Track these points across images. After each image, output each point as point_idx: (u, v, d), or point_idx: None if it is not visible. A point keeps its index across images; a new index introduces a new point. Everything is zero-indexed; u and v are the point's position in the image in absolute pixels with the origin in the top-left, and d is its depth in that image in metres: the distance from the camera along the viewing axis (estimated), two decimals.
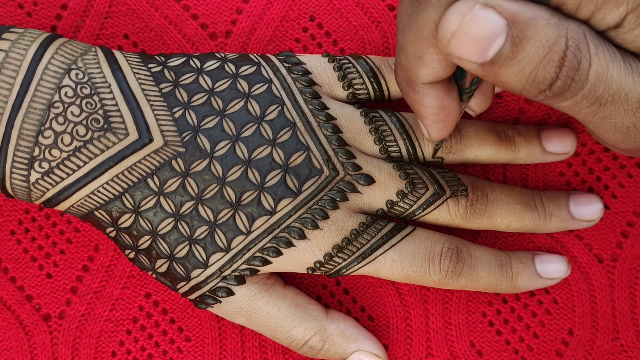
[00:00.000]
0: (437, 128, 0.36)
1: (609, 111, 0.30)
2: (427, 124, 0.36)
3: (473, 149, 0.40)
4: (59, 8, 0.43)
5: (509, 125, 0.42)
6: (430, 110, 0.35)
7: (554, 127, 0.42)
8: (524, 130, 0.41)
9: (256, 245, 0.37)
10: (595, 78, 0.29)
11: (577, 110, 0.31)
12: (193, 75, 0.38)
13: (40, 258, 0.42)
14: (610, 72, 0.29)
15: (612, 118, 0.31)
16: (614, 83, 0.29)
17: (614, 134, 0.32)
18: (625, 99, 0.30)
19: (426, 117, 0.35)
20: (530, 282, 0.40)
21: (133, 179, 0.37)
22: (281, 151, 0.37)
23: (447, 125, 0.36)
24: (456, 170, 0.42)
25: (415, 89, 0.34)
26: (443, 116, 0.35)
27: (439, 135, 0.36)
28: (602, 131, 0.32)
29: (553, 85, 0.29)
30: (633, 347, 0.42)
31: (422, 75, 0.33)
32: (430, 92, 0.34)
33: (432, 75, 0.32)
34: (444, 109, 0.35)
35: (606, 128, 0.31)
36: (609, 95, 0.30)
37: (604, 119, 0.31)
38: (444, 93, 0.34)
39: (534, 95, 0.30)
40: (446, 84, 0.34)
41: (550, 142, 0.41)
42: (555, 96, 0.30)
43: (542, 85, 0.29)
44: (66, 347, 0.42)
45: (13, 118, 0.35)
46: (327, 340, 0.39)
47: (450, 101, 0.35)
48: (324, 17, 0.43)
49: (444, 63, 0.32)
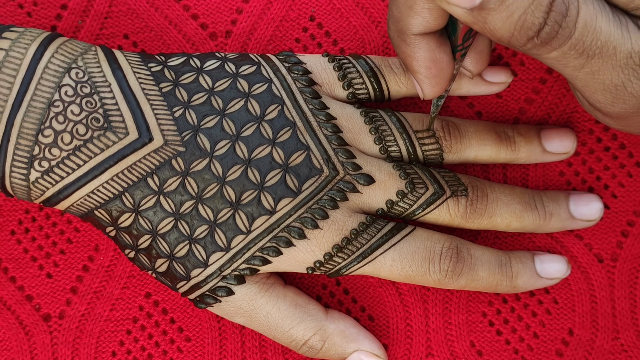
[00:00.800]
0: (430, 84, 0.36)
1: (597, 65, 0.30)
2: (420, 79, 0.36)
3: (473, 149, 0.40)
4: (59, 8, 0.43)
5: (509, 125, 0.42)
6: (422, 63, 0.35)
7: (554, 127, 0.42)
8: (524, 130, 0.41)
9: (256, 245, 0.37)
10: (583, 27, 0.29)
11: (564, 63, 0.31)
12: (193, 75, 0.38)
13: (40, 258, 0.42)
14: (598, 22, 0.29)
15: (600, 74, 0.31)
16: (602, 34, 0.30)
17: (603, 93, 0.32)
18: (613, 53, 0.30)
19: (419, 72, 0.36)
20: (530, 282, 0.40)
21: (133, 178, 0.37)
22: (281, 151, 0.37)
23: (440, 82, 0.36)
24: (456, 170, 0.42)
25: (407, 40, 0.34)
26: (436, 70, 0.35)
27: (432, 91, 0.36)
28: (591, 90, 0.32)
29: (541, 31, 0.29)
30: (633, 346, 0.42)
31: (413, 26, 0.33)
32: (421, 43, 0.34)
33: (423, 25, 0.33)
34: (436, 63, 0.35)
35: (595, 86, 0.31)
36: (597, 47, 0.30)
37: (592, 75, 0.31)
38: (435, 45, 0.34)
39: (522, 44, 0.30)
40: (438, 36, 0.34)
41: (550, 141, 0.41)
42: (543, 44, 0.30)
43: (530, 32, 0.29)
44: (66, 347, 0.42)
45: (13, 117, 0.35)
46: (327, 340, 0.39)
47: (442, 55, 0.35)
48: (324, 17, 0.43)
49: (435, 12, 0.32)
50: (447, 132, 0.40)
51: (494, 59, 0.43)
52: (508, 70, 0.42)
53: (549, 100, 0.43)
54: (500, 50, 0.43)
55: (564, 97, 0.43)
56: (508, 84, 0.42)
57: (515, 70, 0.43)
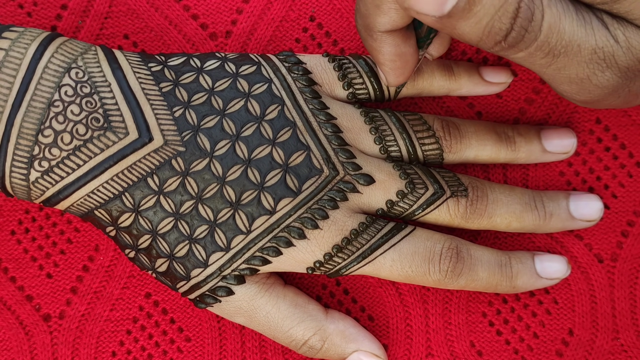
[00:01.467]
0: (395, 74, 0.37)
1: (563, 62, 0.31)
2: (385, 70, 0.37)
3: (473, 149, 0.40)
4: (59, 8, 0.43)
5: (509, 125, 0.42)
6: (387, 57, 0.36)
7: (554, 127, 0.42)
8: (524, 130, 0.41)
9: (256, 245, 0.37)
10: (548, 29, 0.30)
11: (531, 61, 0.31)
12: (193, 75, 0.38)
13: (40, 258, 0.42)
14: (562, 23, 0.30)
15: (566, 70, 0.31)
16: (566, 34, 0.30)
17: (569, 85, 0.32)
18: (578, 51, 0.31)
19: (384, 64, 0.36)
20: (530, 282, 0.40)
21: (133, 178, 0.37)
22: (281, 151, 0.37)
23: (405, 72, 0.37)
24: (456, 170, 0.42)
25: (373, 36, 0.35)
26: (400, 63, 0.36)
27: (396, 81, 0.37)
28: (557, 82, 0.33)
29: (508, 36, 0.30)
30: (633, 347, 0.42)
31: (379, 24, 0.34)
32: (387, 39, 0.35)
33: (389, 24, 0.33)
34: (401, 57, 0.36)
35: (561, 79, 0.32)
36: (562, 47, 0.31)
37: (558, 71, 0.32)
38: (401, 41, 0.35)
39: (490, 47, 0.31)
40: (404, 32, 0.35)
41: (550, 141, 0.41)
42: (510, 47, 0.30)
43: (498, 37, 0.30)
44: (66, 347, 0.42)
45: (13, 117, 0.35)
46: (327, 340, 0.39)
47: (407, 48, 0.36)
48: (324, 17, 0.43)
49: (401, 12, 0.33)
50: (447, 132, 0.40)
51: (495, 59, 0.43)
52: (508, 70, 0.42)
53: (549, 100, 0.43)
54: None
55: None
56: (508, 84, 0.42)
57: (515, 70, 0.43)
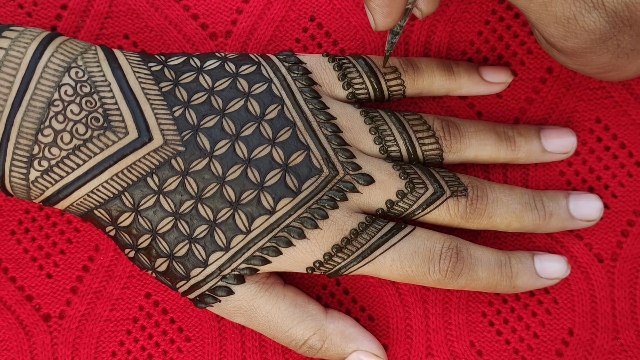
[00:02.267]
0: (382, 13, 0.35)
1: None
2: (372, 7, 0.35)
3: (473, 149, 0.40)
4: (59, 8, 0.43)
5: (509, 125, 0.42)
6: None
7: (554, 127, 0.42)
8: (524, 130, 0.41)
9: (256, 245, 0.37)
10: None
11: None
12: (193, 75, 0.38)
13: (40, 258, 0.42)
14: None
15: (552, 5, 0.31)
16: None
17: (555, 26, 0.31)
18: None
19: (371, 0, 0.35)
20: (530, 282, 0.40)
21: (132, 177, 0.37)
22: (281, 150, 0.37)
23: (392, 12, 0.35)
24: (456, 170, 0.42)
25: None
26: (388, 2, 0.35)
27: (384, 22, 0.36)
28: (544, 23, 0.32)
29: None
30: (633, 346, 0.42)
31: None
32: None
33: None
34: None
35: (547, 19, 0.31)
36: None
37: (544, 7, 0.31)
38: None
39: None
40: None
41: (550, 141, 0.41)
42: None
43: None
44: (66, 347, 0.42)
45: (13, 116, 0.35)
46: (327, 340, 0.39)
47: None
48: (324, 17, 0.43)
49: None
50: (447, 131, 0.40)
51: (494, 58, 0.43)
52: (508, 70, 0.42)
53: (549, 100, 0.43)
54: (501, 50, 0.43)
55: (564, 97, 0.43)
56: (508, 83, 0.42)
57: (516, 70, 0.43)
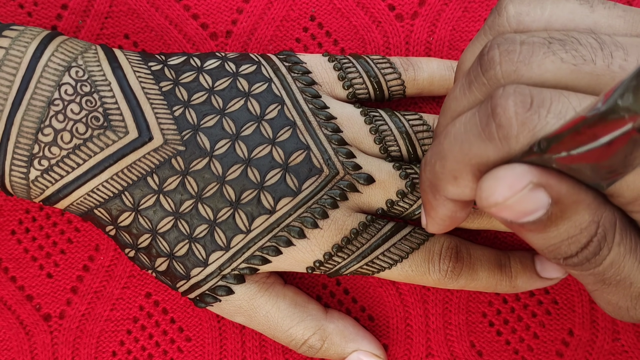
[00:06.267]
0: (438, 228, 0.35)
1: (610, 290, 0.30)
2: (431, 222, 0.34)
3: None
4: (60, 8, 0.43)
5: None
6: (440, 216, 0.33)
7: None
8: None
9: (256, 244, 0.37)
10: (609, 265, 0.29)
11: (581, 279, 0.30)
12: (193, 74, 0.38)
13: (40, 258, 0.42)
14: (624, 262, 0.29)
15: (609, 295, 0.30)
16: (624, 272, 0.29)
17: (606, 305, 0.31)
18: (629, 286, 0.30)
19: (434, 219, 0.34)
20: (530, 282, 0.40)
21: (133, 177, 0.37)
22: (281, 150, 0.37)
23: (448, 228, 0.35)
24: None
25: (436, 196, 0.32)
26: (449, 223, 0.34)
27: (436, 231, 0.35)
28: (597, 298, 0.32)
29: (569, 259, 0.29)
30: (634, 347, 0.42)
31: (449, 192, 0.31)
32: (448, 205, 0.32)
33: (458, 195, 0.31)
34: (453, 220, 0.33)
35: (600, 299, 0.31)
36: (615, 281, 0.29)
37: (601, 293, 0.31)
38: (460, 208, 0.33)
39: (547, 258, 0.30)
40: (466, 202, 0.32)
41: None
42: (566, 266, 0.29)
43: (559, 256, 0.29)
44: (66, 347, 0.42)
45: (13, 115, 0.36)
46: (327, 340, 0.39)
47: (462, 214, 0.33)
48: (325, 16, 0.43)
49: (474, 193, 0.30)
50: None
51: None
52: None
53: None
54: None
55: None
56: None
57: None
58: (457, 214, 0.33)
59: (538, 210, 0.27)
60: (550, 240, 0.28)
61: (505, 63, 0.29)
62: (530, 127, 0.26)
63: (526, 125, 0.26)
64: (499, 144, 0.27)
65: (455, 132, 0.29)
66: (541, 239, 0.28)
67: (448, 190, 0.31)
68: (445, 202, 0.32)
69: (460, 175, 0.29)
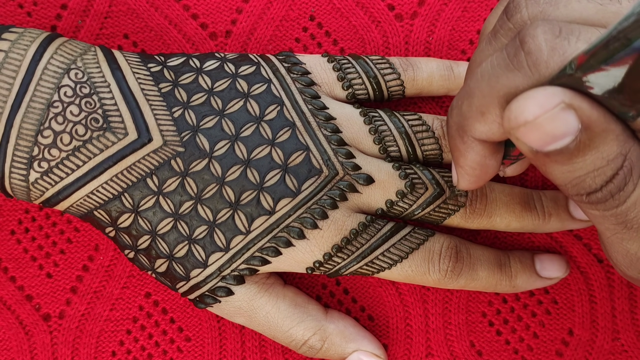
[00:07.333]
0: (469, 181, 0.34)
1: (630, 235, 0.29)
2: (461, 173, 0.34)
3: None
4: (59, 8, 0.43)
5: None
6: (469, 163, 0.33)
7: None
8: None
9: (255, 245, 0.37)
10: (633, 203, 0.28)
11: (601, 222, 0.30)
12: (192, 75, 0.38)
13: (40, 258, 0.42)
14: None
15: (628, 242, 0.30)
16: None
17: (623, 257, 0.31)
18: None
19: (463, 167, 0.33)
20: (530, 282, 0.40)
21: (132, 178, 0.37)
22: (280, 151, 0.37)
23: (479, 181, 0.34)
24: None
25: (464, 138, 0.32)
26: (480, 172, 0.33)
27: (467, 186, 0.35)
28: (613, 250, 0.31)
29: (592, 194, 0.28)
30: (633, 347, 0.42)
31: (476, 130, 0.31)
32: (477, 147, 0.32)
33: (486, 134, 0.30)
34: (483, 167, 0.33)
35: (618, 249, 0.30)
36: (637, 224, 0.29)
37: (620, 240, 0.30)
38: (489, 153, 0.32)
39: (570, 194, 0.29)
40: (495, 145, 0.32)
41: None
42: (589, 203, 0.29)
43: (582, 191, 0.28)
44: (66, 347, 0.42)
45: (12, 117, 0.35)
46: (327, 340, 0.39)
47: (491, 162, 0.33)
48: (324, 16, 0.43)
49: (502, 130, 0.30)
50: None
51: None
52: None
53: None
54: None
55: None
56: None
57: None
58: (486, 160, 0.32)
59: (567, 136, 0.26)
60: (575, 172, 0.27)
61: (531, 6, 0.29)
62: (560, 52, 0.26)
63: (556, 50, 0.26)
64: (528, 72, 0.27)
65: (482, 70, 0.29)
66: (566, 171, 0.28)
67: (476, 129, 0.30)
68: (474, 145, 0.32)
69: (487, 110, 0.29)
